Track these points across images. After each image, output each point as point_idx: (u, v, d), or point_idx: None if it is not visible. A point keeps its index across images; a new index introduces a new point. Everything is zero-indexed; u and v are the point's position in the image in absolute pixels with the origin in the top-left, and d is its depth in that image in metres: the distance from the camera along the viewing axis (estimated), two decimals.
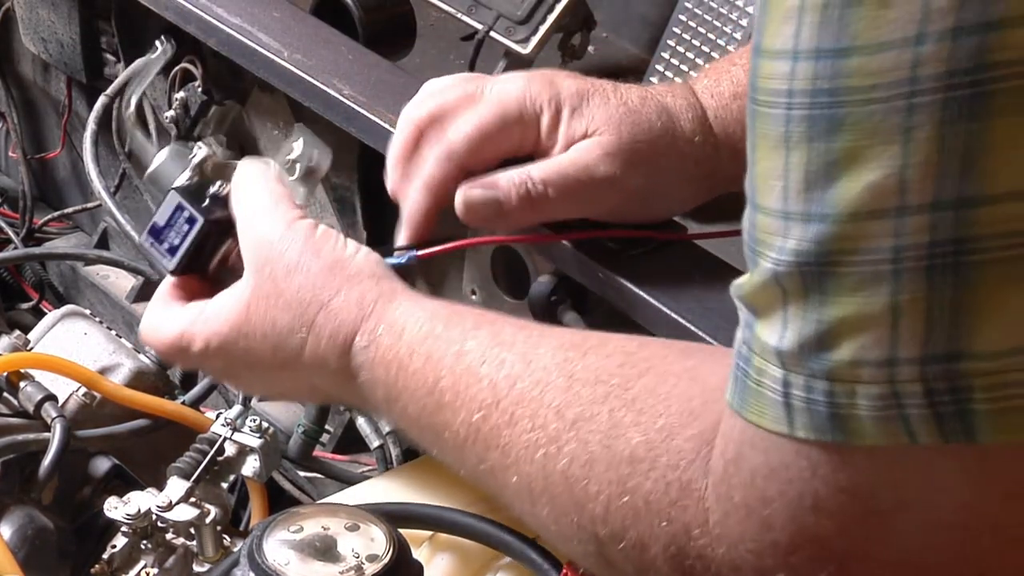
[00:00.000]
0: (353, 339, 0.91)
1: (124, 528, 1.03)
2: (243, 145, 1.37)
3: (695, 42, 1.27)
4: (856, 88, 0.60)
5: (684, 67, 1.27)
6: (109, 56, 1.55)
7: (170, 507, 1.02)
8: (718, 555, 0.70)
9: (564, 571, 0.89)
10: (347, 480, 1.25)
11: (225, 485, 1.07)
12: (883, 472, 0.64)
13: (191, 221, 0.99)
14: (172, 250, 0.99)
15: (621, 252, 1.06)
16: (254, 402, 1.40)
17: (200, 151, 1.02)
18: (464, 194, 1.02)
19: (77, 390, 1.18)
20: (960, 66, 0.57)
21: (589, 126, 1.03)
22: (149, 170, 1.05)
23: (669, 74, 1.28)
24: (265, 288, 0.93)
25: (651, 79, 1.29)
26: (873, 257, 0.61)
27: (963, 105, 0.57)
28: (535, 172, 1.03)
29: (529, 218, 1.04)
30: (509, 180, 1.02)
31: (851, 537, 0.65)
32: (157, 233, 1.00)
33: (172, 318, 0.98)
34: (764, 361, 0.65)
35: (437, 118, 1.04)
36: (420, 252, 1.01)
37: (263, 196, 0.96)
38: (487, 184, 1.03)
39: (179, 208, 1.00)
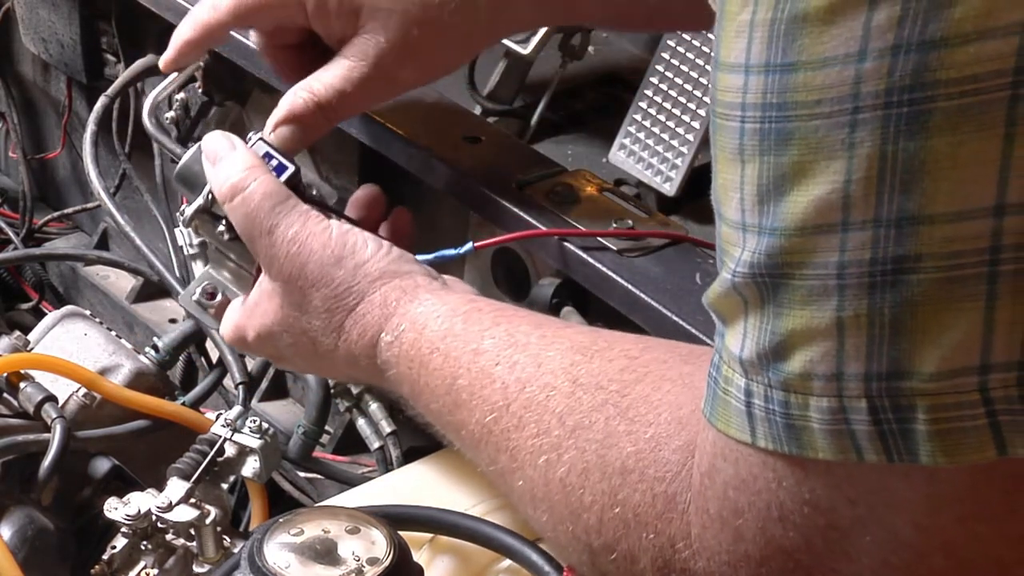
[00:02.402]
0: (379, 337, 0.93)
1: (124, 529, 1.03)
2: None
3: (695, 42, 1.26)
4: (802, 103, 0.60)
5: (684, 67, 1.27)
6: (109, 56, 1.55)
7: (170, 508, 1.02)
8: (699, 568, 0.70)
9: (565, 574, 0.89)
10: (347, 481, 1.25)
11: (225, 486, 1.07)
12: (840, 487, 0.64)
13: (280, 169, 1.00)
14: None
15: (622, 254, 1.06)
16: (254, 403, 1.40)
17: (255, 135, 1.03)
18: (277, 138, 1.06)
19: (77, 391, 1.18)
20: (900, 84, 0.57)
21: (358, 17, 1.06)
22: (180, 165, 1.04)
23: (669, 74, 1.28)
24: (295, 298, 0.97)
25: (651, 79, 1.29)
26: (820, 271, 0.61)
27: (903, 123, 0.57)
28: (318, 89, 1.06)
29: (329, 125, 1.09)
30: (303, 107, 1.06)
31: (816, 551, 0.66)
32: None
33: (232, 311, 1.04)
34: (730, 370, 0.66)
35: None
36: (477, 244, 1.05)
37: (263, 205, 0.97)
38: (288, 119, 1.06)
39: (267, 156, 1.01)
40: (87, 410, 1.19)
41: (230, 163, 1.00)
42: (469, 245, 1.05)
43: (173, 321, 1.58)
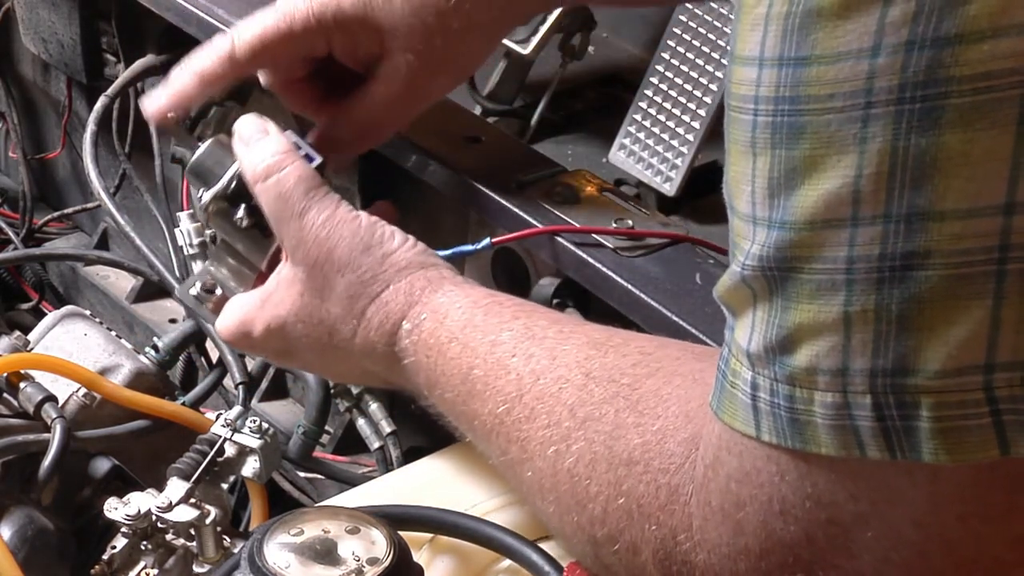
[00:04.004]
0: (400, 324, 0.93)
1: (124, 529, 1.03)
2: None
3: (695, 42, 1.26)
4: (815, 97, 0.60)
5: (684, 67, 1.27)
6: (109, 56, 1.55)
7: (170, 508, 1.02)
8: (699, 561, 0.71)
9: (565, 574, 0.89)
10: (347, 481, 1.25)
11: (225, 486, 1.07)
12: (842, 483, 0.64)
13: (309, 159, 1.00)
14: None
15: (622, 254, 1.07)
16: (254, 403, 1.40)
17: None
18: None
19: (77, 391, 1.18)
20: (913, 79, 0.57)
21: (382, 39, 1.06)
22: (195, 158, 1.04)
23: (669, 74, 1.28)
24: (317, 283, 0.96)
25: (651, 79, 1.29)
26: (829, 266, 0.61)
27: (915, 119, 0.57)
28: (357, 118, 1.09)
29: (368, 147, 1.14)
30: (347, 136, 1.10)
31: (817, 545, 0.66)
32: None
33: (234, 306, 1.02)
34: (738, 363, 0.66)
35: None
36: (495, 240, 1.06)
37: (297, 188, 0.98)
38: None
39: (295, 146, 1.01)
40: (87, 410, 1.19)
41: (265, 145, 1.00)
42: (487, 240, 1.05)
43: (173, 321, 1.58)
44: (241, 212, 1.02)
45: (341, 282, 0.95)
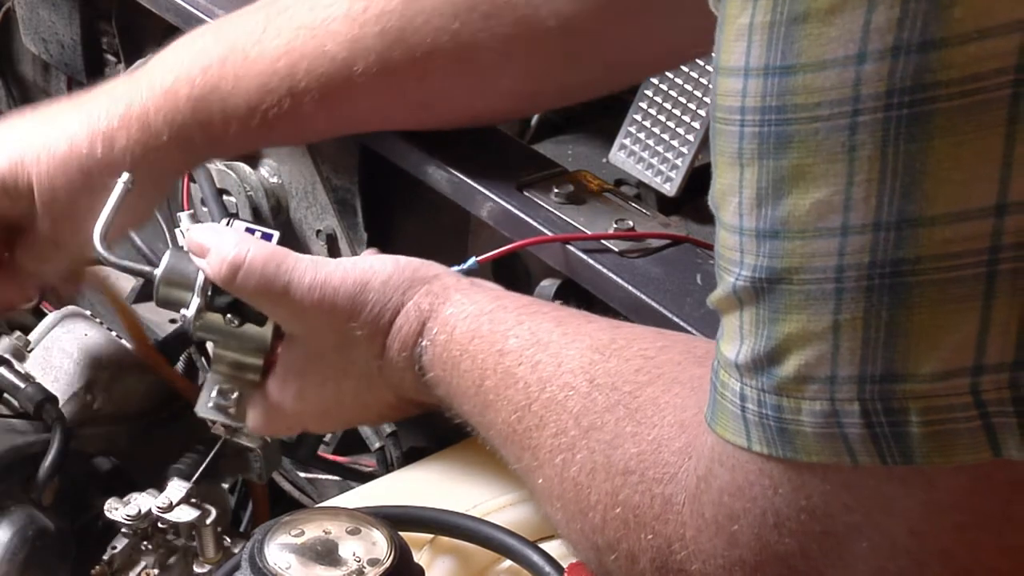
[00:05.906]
0: (418, 342, 0.94)
1: (124, 529, 1.03)
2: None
3: None
4: (802, 106, 0.60)
5: (684, 67, 1.27)
6: (109, 56, 1.55)
7: (170, 508, 1.02)
8: (695, 569, 0.71)
9: (565, 574, 0.90)
10: (347, 481, 1.25)
11: (225, 486, 1.07)
12: (837, 494, 0.64)
13: (267, 237, 0.99)
14: None
15: (623, 255, 1.07)
16: None
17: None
18: None
19: (77, 390, 1.18)
20: (900, 85, 0.57)
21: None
22: (159, 274, 1.02)
23: (669, 74, 1.28)
24: (335, 340, 0.96)
25: (651, 79, 1.29)
26: (818, 275, 0.61)
27: (904, 125, 0.57)
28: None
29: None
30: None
31: (812, 557, 0.66)
32: None
33: (257, 400, 1.01)
34: (726, 374, 0.66)
35: None
36: (481, 257, 1.04)
37: (268, 270, 0.96)
38: None
39: (248, 231, 0.99)
40: (87, 410, 1.19)
41: (219, 246, 0.97)
42: (472, 260, 1.04)
43: (173, 321, 1.58)
44: (229, 315, 0.99)
45: (356, 328, 0.95)
